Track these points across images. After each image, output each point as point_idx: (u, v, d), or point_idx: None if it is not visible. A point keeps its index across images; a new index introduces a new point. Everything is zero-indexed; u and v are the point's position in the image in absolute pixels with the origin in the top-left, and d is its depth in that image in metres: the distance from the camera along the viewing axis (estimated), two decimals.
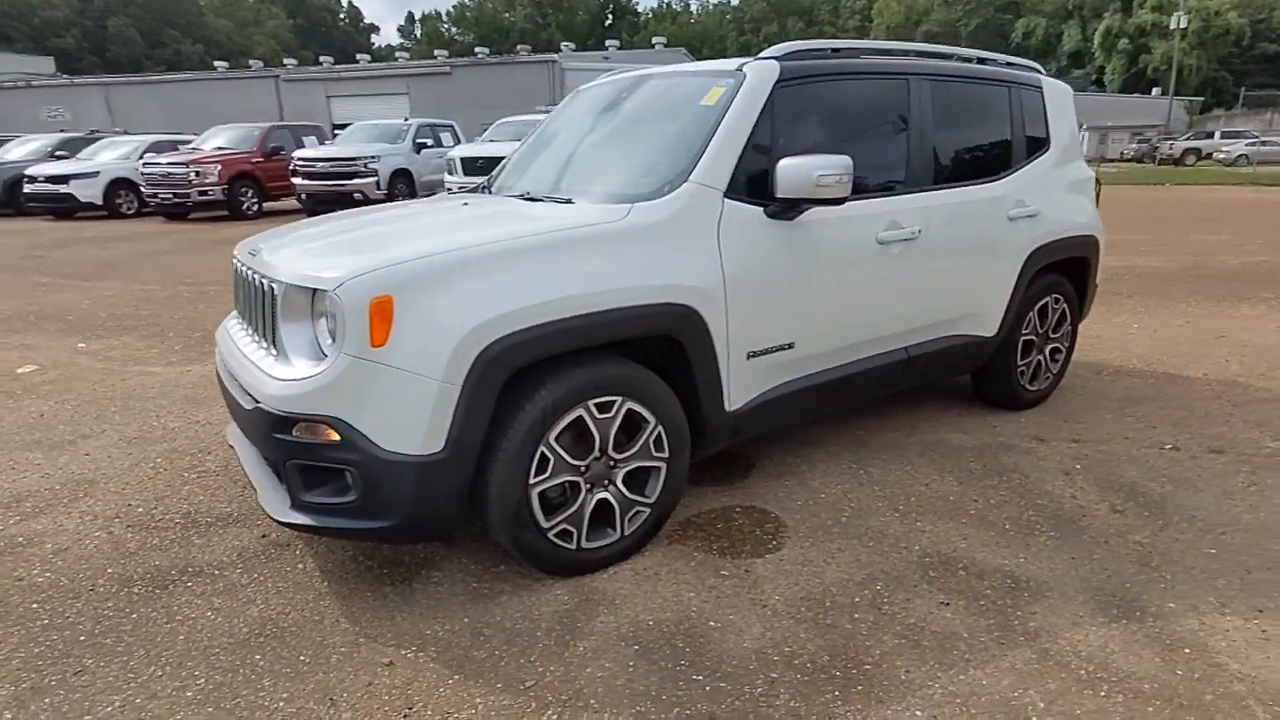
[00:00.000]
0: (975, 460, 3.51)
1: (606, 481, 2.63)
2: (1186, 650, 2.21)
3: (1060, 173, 4.00)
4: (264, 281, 2.56)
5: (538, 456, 2.43)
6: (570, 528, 2.57)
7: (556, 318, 2.37)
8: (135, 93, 31.37)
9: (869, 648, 2.26)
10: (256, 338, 2.70)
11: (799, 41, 3.17)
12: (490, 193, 3.57)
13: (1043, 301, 3.96)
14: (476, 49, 35.02)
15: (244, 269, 2.83)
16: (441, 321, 2.25)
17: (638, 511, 2.72)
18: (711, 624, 2.39)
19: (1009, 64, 3.97)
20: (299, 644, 2.34)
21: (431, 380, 2.22)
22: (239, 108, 26.11)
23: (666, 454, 2.72)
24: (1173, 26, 41.70)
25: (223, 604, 2.55)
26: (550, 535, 2.53)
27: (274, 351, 2.50)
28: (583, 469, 2.56)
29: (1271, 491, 3.16)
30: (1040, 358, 4.07)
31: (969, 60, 3.79)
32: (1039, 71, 4.11)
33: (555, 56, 27.65)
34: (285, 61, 35.25)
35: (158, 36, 62.27)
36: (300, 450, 2.34)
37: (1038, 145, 3.90)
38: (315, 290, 2.34)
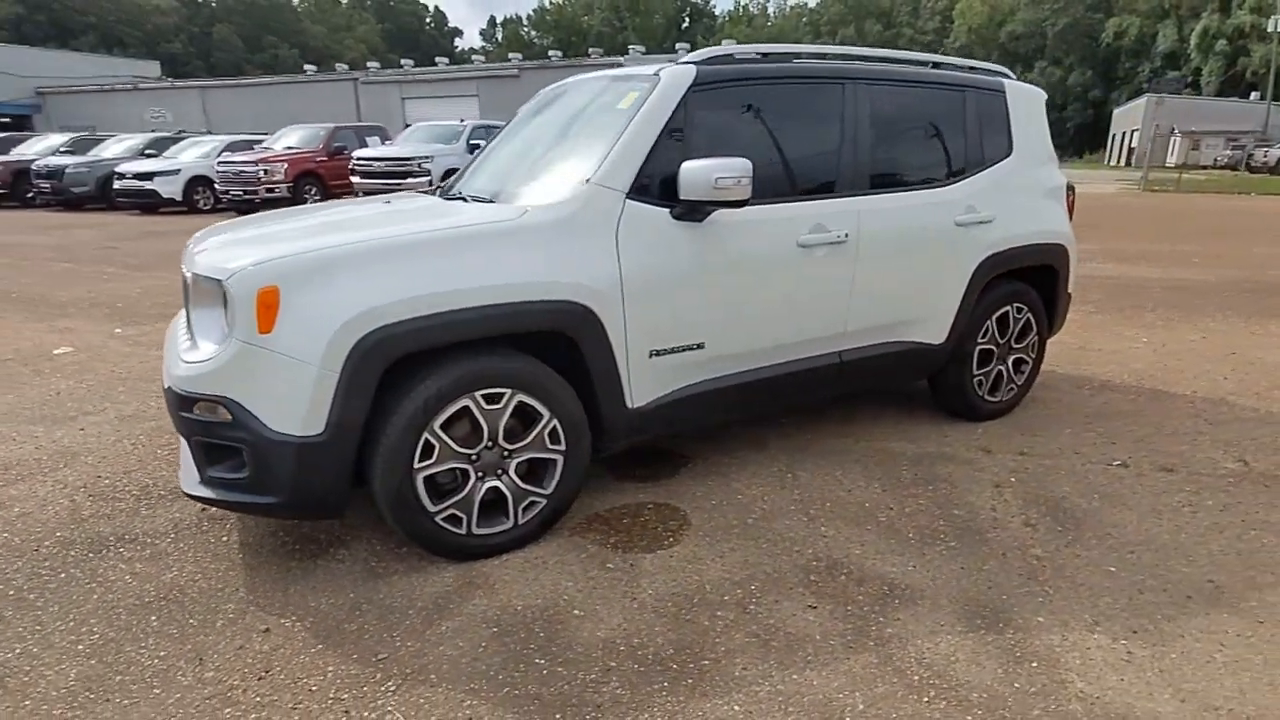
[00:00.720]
0: (910, 468, 3.45)
1: (499, 471, 2.71)
2: (1034, 664, 2.16)
3: (1024, 179, 3.88)
4: (185, 272, 2.74)
5: (422, 443, 2.53)
6: (459, 513, 2.66)
7: (434, 311, 2.46)
8: (228, 95, 33.06)
9: (716, 644, 2.28)
10: (185, 326, 2.88)
11: (726, 46, 3.19)
12: (443, 193, 3.69)
13: (1002, 310, 3.85)
14: (551, 52, 35.59)
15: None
16: (322, 312, 2.37)
17: (533, 502, 2.79)
18: (576, 612, 2.44)
19: (971, 69, 3.88)
20: (194, 608, 2.49)
21: (311, 366, 2.35)
22: (320, 109, 27.18)
23: (563, 447, 2.78)
24: (1271, 29, 39.22)
25: (143, 569, 2.73)
26: (437, 519, 2.62)
27: (190, 337, 2.66)
28: (473, 457, 2.65)
29: (1205, 513, 3.02)
30: (1001, 368, 3.96)
31: (923, 65, 3.72)
32: (1007, 76, 4.00)
33: (621, 59, 27.84)
34: (369, 65, 36.48)
35: (258, 42, 65.40)
36: (200, 428, 2.49)
37: (998, 151, 3.80)
38: (218, 280, 2.49)
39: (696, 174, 2.74)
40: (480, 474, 2.68)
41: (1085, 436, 3.80)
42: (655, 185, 2.87)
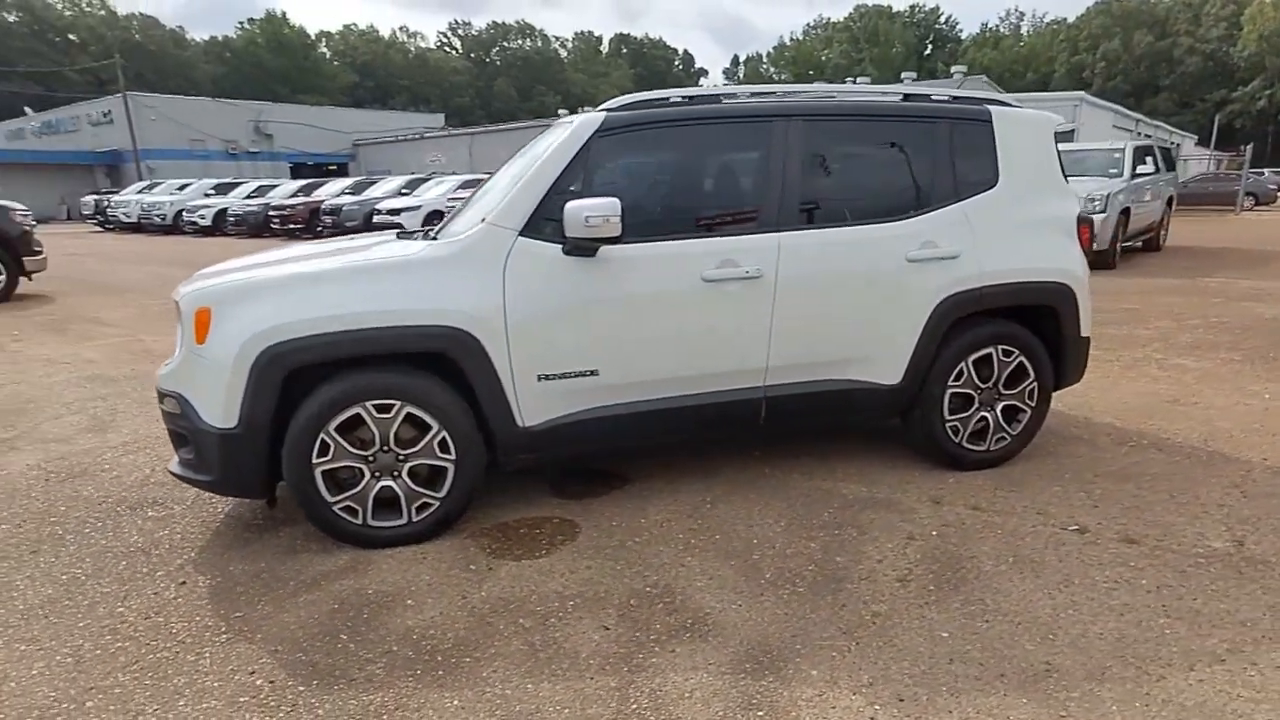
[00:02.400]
0: (836, 511, 3.30)
1: (394, 473, 3.05)
2: (761, 713, 2.08)
3: (1012, 211, 3.54)
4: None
5: (319, 442, 2.94)
6: (355, 505, 3.04)
7: (326, 331, 2.87)
8: (491, 140, 37.02)
9: (490, 647, 2.43)
10: None
11: (650, 92, 3.32)
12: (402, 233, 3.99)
13: (983, 353, 3.53)
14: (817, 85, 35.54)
15: None
16: (237, 328, 2.87)
17: (425, 503, 3.09)
18: (409, 602, 2.71)
19: (954, 99, 3.62)
20: (153, 561, 3.08)
21: (226, 371, 2.85)
22: None
23: (453, 456, 3.07)
24: None
25: (148, 527, 3.40)
26: (335, 509, 3.02)
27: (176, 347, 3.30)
28: (369, 458, 3.01)
29: (1127, 592, 2.61)
30: (986, 416, 3.62)
31: (893, 95, 3.56)
32: (1003, 104, 3.67)
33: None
34: None
35: (530, 92, 72.47)
36: (167, 418, 3.10)
37: (977, 182, 3.51)
38: (176, 302, 3.08)
39: (574, 213, 2.92)
40: (375, 474, 3.03)
41: (1072, 497, 3.36)
42: (548, 224, 3.07)
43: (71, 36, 73.59)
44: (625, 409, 3.22)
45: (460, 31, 77.86)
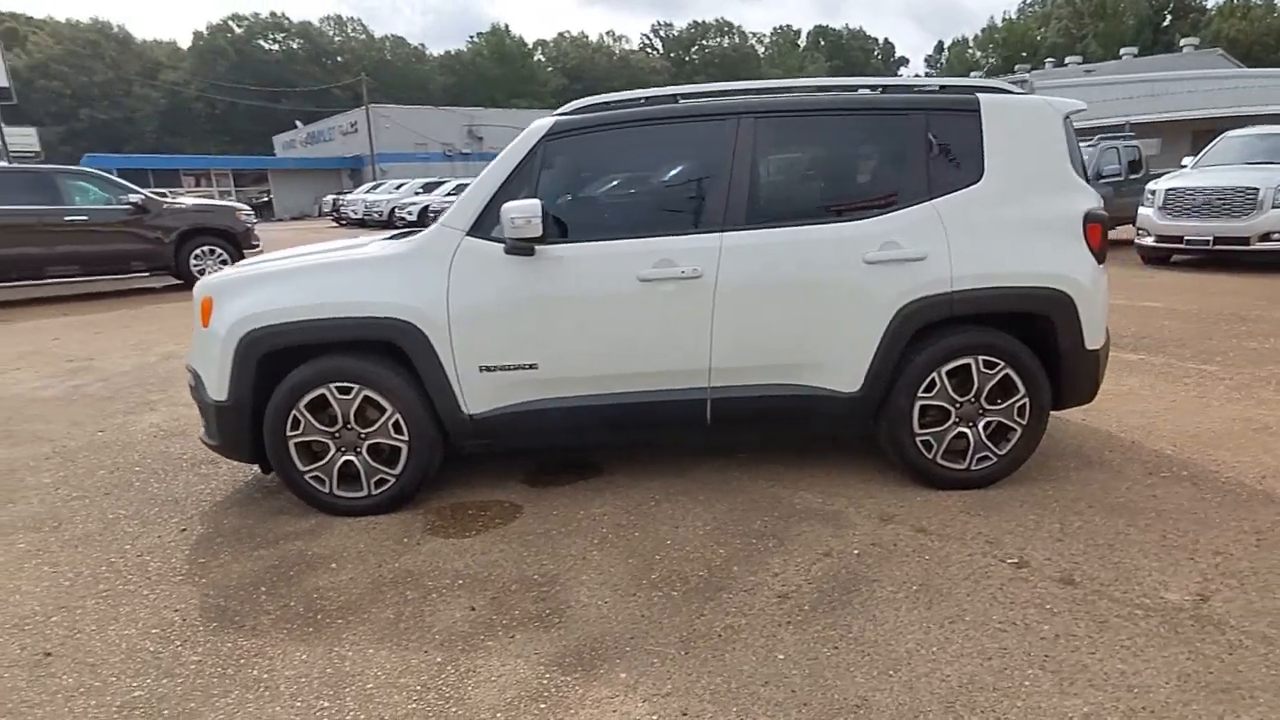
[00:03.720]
0: (772, 521, 3.16)
1: (356, 449, 3.35)
2: (542, 706, 2.11)
3: (998, 209, 3.18)
4: None
5: (291, 418, 3.29)
6: (322, 476, 3.36)
7: (292, 320, 3.21)
8: None
9: (359, 607, 2.63)
10: None
11: (605, 95, 3.35)
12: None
13: (958, 363, 3.22)
14: (1017, 68, 32.74)
15: None
16: (228, 315, 3.28)
17: (382, 479, 3.36)
18: (332, 565, 2.98)
19: (942, 88, 3.31)
20: (181, 510, 3.59)
21: (218, 352, 3.27)
22: None
23: (406, 438, 3.31)
24: None
25: (193, 481, 3.95)
26: (306, 477, 3.36)
27: None
28: (335, 434, 3.33)
29: (1015, 636, 2.31)
30: (966, 432, 3.29)
31: (872, 89, 3.33)
32: (1002, 91, 3.30)
33: (1026, 76, 24.90)
34: None
35: None
36: (191, 390, 3.60)
37: (957, 178, 3.20)
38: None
39: (504, 214, 3.04)
40: (340, 449, 3.34)
41: (1042, 528, 2.99)
42: (495, 224, 3.20)
43: (340, 58, 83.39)
44: (566, 403, 3.29)
45: (661, 33, 79.52)
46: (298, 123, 55.13)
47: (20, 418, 5.26)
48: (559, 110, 3.35)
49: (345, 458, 3.33)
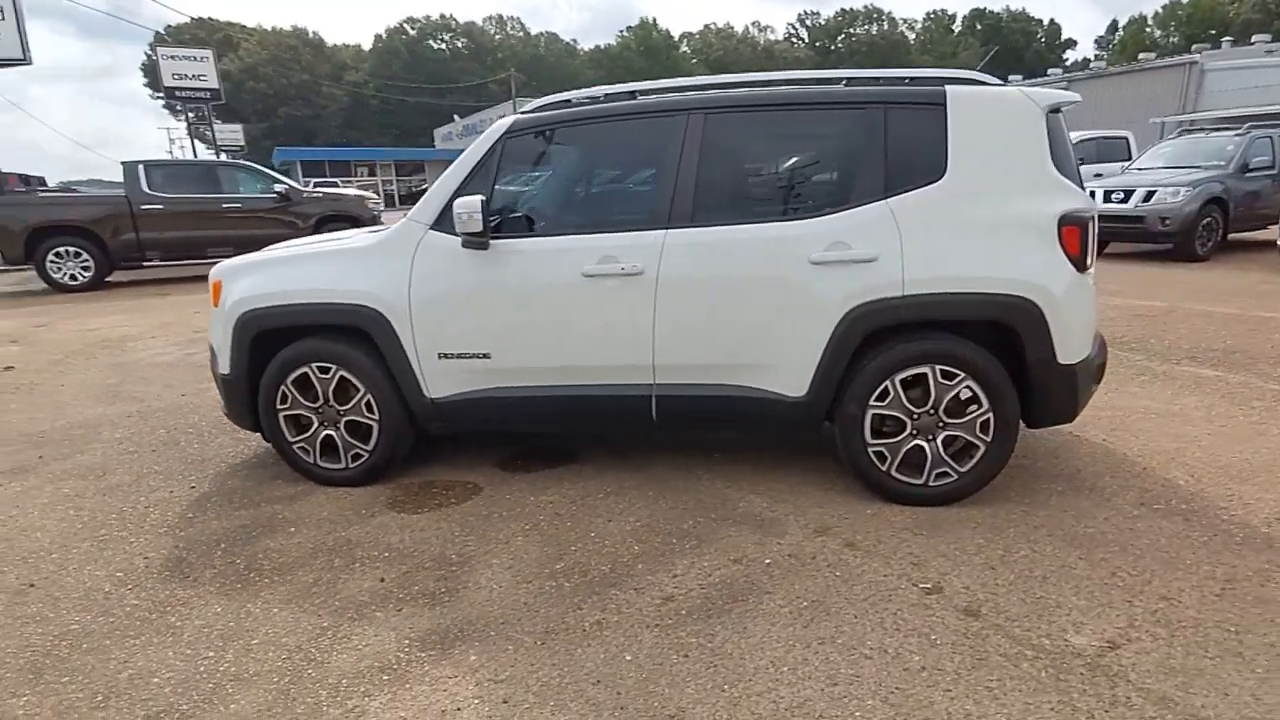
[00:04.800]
0: (702, 522, 3.09)
1: (336, 425, 3.58)
2: (385, 677, 2.20)
3: (959, 209, 2.92)
4: None
5: (280, 392, 3.57)
6: (307, 447, 3.62)
7: (274, 304, 3.46)
8: None
9: (288, 569, 2.82)
10: None
11: (568, 93, 3.36)
12: None
13: (913, 372, 3.00)
14: (1194, 47, 29.37)
15: None
16: (229, 298, 3.59)
17: (358, 453, 3.57)
18: (289, 530, 3.20)
19: (911, 80, 3.07)
20: (194, 469, 3.97)
21: (224, 330, 3.59)
22: None
23: (377, 417, 3.50)
24: None
25: (224, 444, 4.34)
26: (294, 448, 3.63)
27: None
28: (318, 410, 3.57)
29: (876, 664, 2.15)
30: (923, 445, 3.07)
31: (835, 82, 3.14)
32: (976, 83, 3.02)
33: (1195, 57, 22.11)
34: None
35: None
36: (210, 362, 3.96)
37: (917, 175, 2.97)
38: None
39: (454, 210, 3.14)
40: (322, 423, 3.58)
41: (980, 554, 2.74)
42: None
43: (499, 55, 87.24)
44: (518, 393, 3.35)
45: (808, 22, 77.27)
46: (455, 116, 58.21)
47: (132, 379, 5.94)
48: (523, 109, 3.39)
49: (326, 432, 3.56)
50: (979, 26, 67.73)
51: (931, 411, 3.02)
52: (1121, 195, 10.16)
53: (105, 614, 2.59)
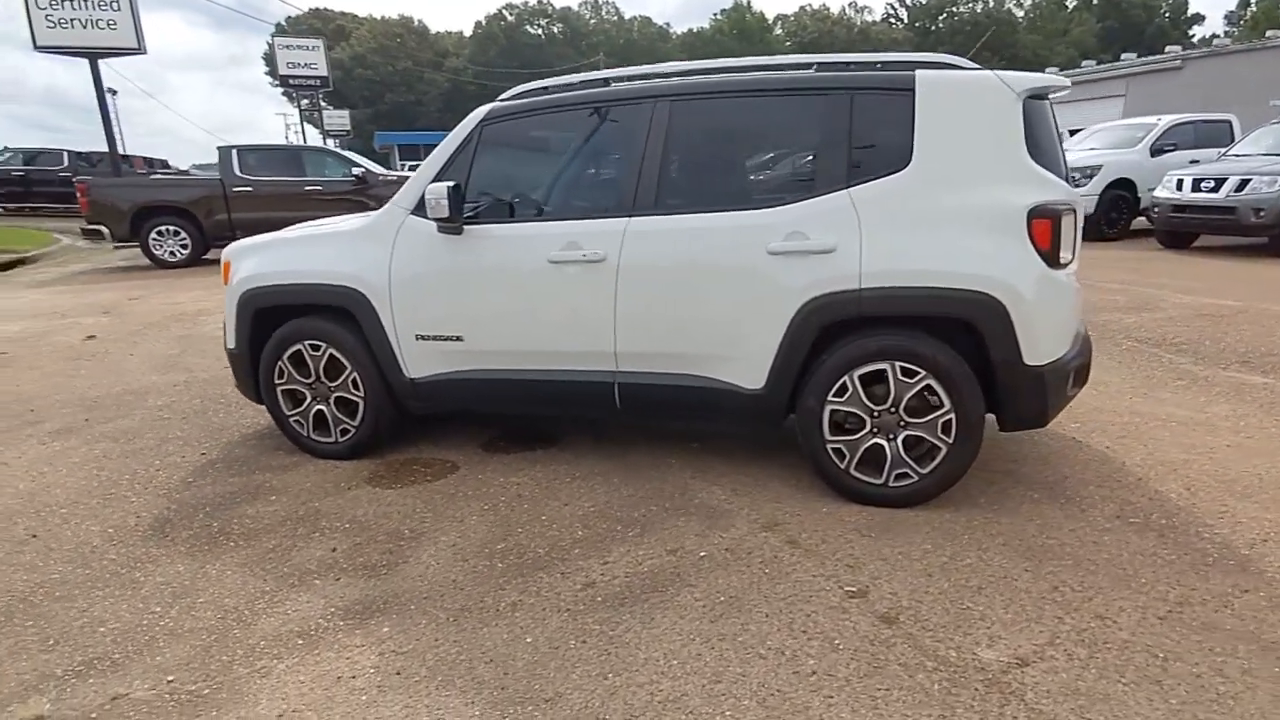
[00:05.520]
0: (654, 512, 3.07)
1: (326, 400, 3.74)
2: (298, 642, 2.31)
3: (922, 200, 2.78)
4: None
5: (277, 368, 3.75)
6: (302, 420, 3.80)
7: (271, 284, 3.64)
8: None
9: (254, 534, 2.98)
10: None
11: (544, 80, 3.37)
12: None
13: (872, 368, 2.89)
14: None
15: None
16: (234, 277, 3.80)
17: (345, 428, 3.73)
18: (271, 498, 3.38)
19: (882, 65, 2.93)
20: (211, 438, 4.23)
21: (231, 307, 3.81)
22: None
23: (363, 394, 3.64)
24: None
25: (246, 414, 4.60)
26: (290, 421, 3.82)
27: None
28: (311, 385, 3.75)
29: (768, 665, 2.10)
30: (883, 445, 2.95)
31: (806, 67, 3.04)
32: (950, 67, 2.85)
33: None
34: (1084, 62, 33.72)
35: (972, 59, 66.20)
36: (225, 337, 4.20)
37: (880, 163, 2.84)
38: None
39: (425, 195, 3.22)
40: (315, 398, 3.75)
41: (922, 560, 2.62)
42: None
43: (593, 39, 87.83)
44: (490, 375, 3.42)
45: (908, 1, 74.12)
46: None
47: (192, 351, 6.35)
48: (501, 96, 3.42)
49: (318, 407, 3.72)
50: (1095, 1, 63.36)
51: (892, 410, 2.91)
52: (1212, 184, 9.37)
53: (84, 566, 2.80)
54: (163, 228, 12.44)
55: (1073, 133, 14.48)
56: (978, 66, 2.91)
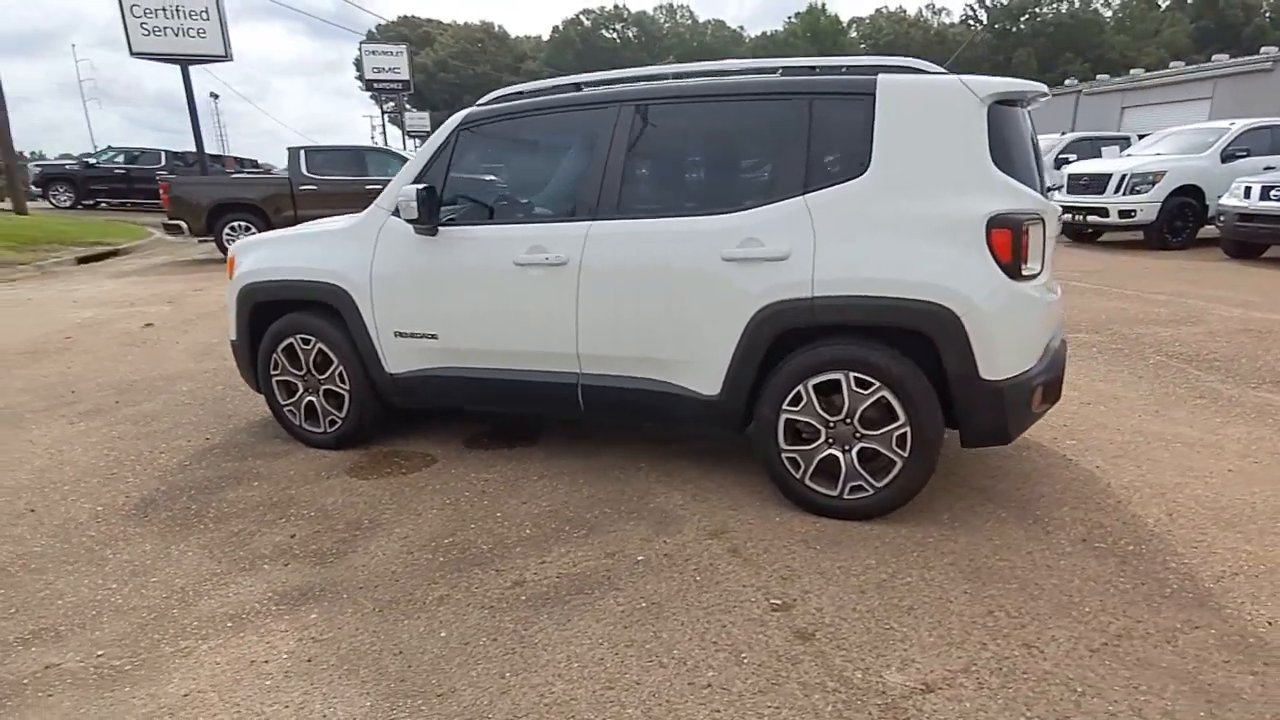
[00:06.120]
0: (607, 514, 3.05)
1: (316, 392, 3.85)
2: (226, 624, 2.38)
3: (879, 207, 2.67)
4: None
5: (273, 360, 3.89)
6: (295, 411, 3.93)
7: (266, 279, 3.77)
8: None
9: (225, 521, 3.09)
10: None
11: (520, 85, 3.39)
12: None
13: (827, 377, 2.80)
14: None
15: None
16: (237, 271, 3.95)
17: (333, 420, 3.83)
18: (255, 483, 3.49)
19: (849, 69, 2.83)
20: (220, 423, 4.40)
21: (231, 300, 3.96)
22: (1037, 123, 25.92)
23: (348, 387, 3.73)
24: None
25: (255, 401, 4.78)
26: (285, 410, 3.95)
27: None
28: (303, 377, 3.86)
29: (642, 670, 2.06)
30: (838, 456, 2.86)
31: (772, 71, 2.96)
32: (914, 71, 2.73)
33: None
34: (1173, 63, 32.21)
35: (1053, 61, 63.53)
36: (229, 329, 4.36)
37: (838, 170, 2.74)
38: None
39: (398, 197, 3.28)
40: (306, 390, 3.87)
41: (860, 577, 2.52)
42: None
43: (667, 43, 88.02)
44: (463, 373, 3.46)
45: (989, 2, 71.60)
46: None
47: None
48: (480, 100, 3.45)
49: (309, 398, 3.83)
50: (1189, 1, 59.90)
51: (847, 421, 2.81)
52: None
53: (65, 541, 2.95)
54: (235, 223, 13.02)
55: (1140, 137, 13.73)
56: (943, 71, 2.78)
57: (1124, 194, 10.61)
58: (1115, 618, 2.24)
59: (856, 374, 2.73)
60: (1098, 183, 11.00)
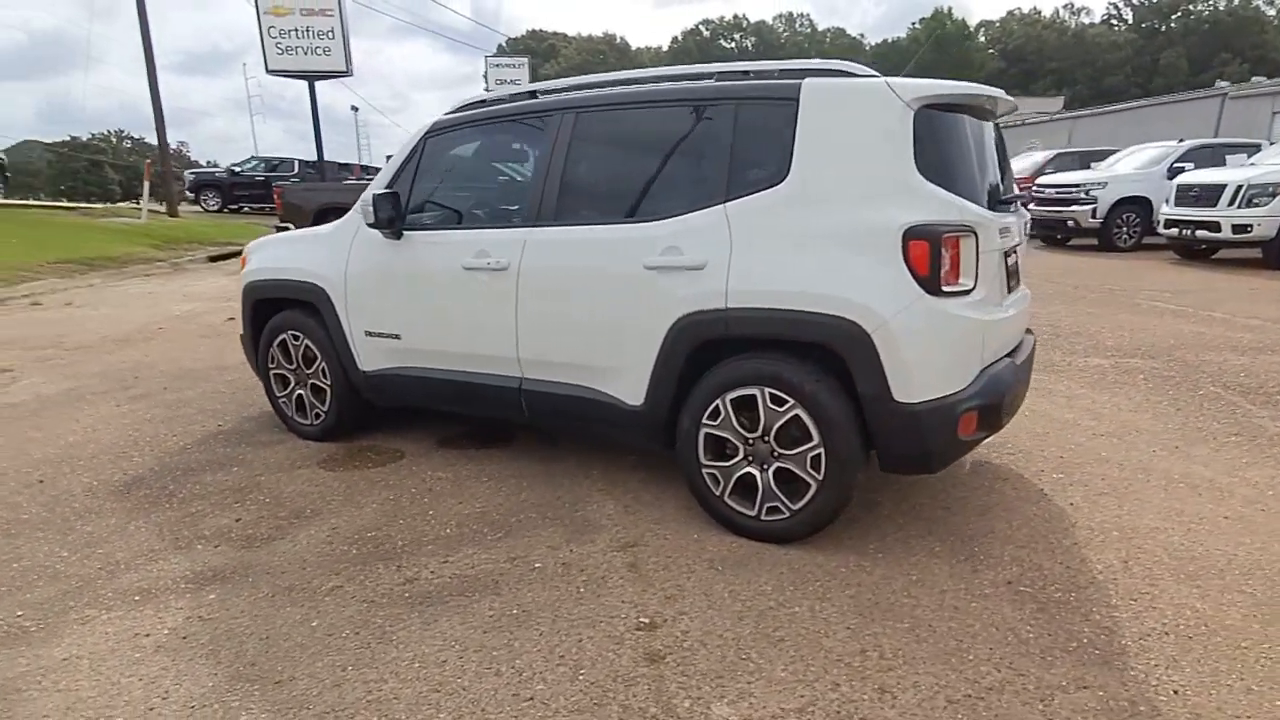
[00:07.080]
0: (530, 518, 3.04)
1: (305, 386, 4.06)
2: (147, 605, 2.54)
3: (795, 217, 2.53)
4: None
5: (270, 353, 4.13)
6: (288, 402, 4.15)
7: (264, 278, 4.01)
8: (1095, 122, 31.83)
9: (189, 502, 3.30)
10: None
11: (484, 94, 3.45)
12: None
13: (743, 392, 2.68)
14: None
15: None
16: (246, 269, 4.22)
17: (318, 413, 4.02)
18: (234, 468, 3.71)
19: (781, 73, 2.70)
20: (223, 414, 4.71)
21: (241, 294, 4.25)
22: (1182, 129, 23.72)
23: (329, 382, 3.91)
24: None
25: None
26: (279, 401, 4.18)
27: None
28: (294, 371, 4.08)
29: (472, 672, 2.03)
30: (756, 475, 2.73)
31: (708, 77, 2.88)
32: (844, 75, 2.57)
33: None
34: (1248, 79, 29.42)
35: (1207, 62, 58.23)
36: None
37: (757, 177, 2.63)
38: None
39: (361, 202, 3.41)
40: (296, 383, 4.08)
41: (746, 604, 2.39)
42: None
43: (785, 51, 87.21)
44: (422, 373, 3.55)
45: (1135, 0, 66.46)
46: None
47: None
48: (447, 109, 3.53)
49: (299, 392, 4.03)
50: None
51: (764, 439, 2.68)
52: None
53: (51, 510, 3.23)
54: None
55: (1273, 143, 12.35)
56: (872, 73, 2.61)
57: (1240, 206, 9.59)
58: (997, 669, 2.02)
59: (771, 390, 2.60)
60: (1210, 194, 9.99)
